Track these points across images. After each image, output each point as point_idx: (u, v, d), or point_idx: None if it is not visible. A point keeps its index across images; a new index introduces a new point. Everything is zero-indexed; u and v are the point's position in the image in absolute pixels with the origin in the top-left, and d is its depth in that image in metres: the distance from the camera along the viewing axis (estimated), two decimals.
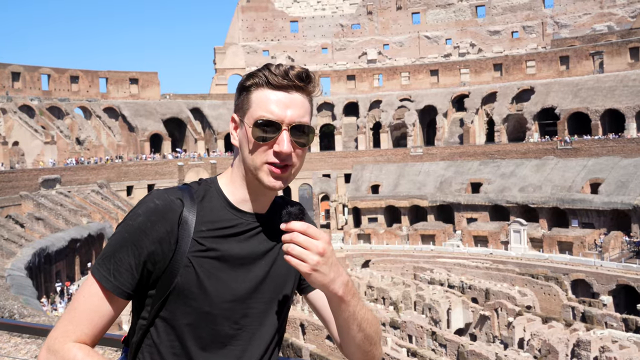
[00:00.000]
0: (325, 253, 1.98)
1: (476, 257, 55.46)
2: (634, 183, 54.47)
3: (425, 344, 35.78)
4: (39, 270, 40.41)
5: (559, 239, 54.03)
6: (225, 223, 2.16)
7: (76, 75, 74.06)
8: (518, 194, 60.51)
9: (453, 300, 42.29)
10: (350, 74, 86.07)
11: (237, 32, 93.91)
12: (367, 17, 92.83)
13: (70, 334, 2.02)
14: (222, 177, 2.28)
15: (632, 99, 64.42)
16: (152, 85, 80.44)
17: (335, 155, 78.03)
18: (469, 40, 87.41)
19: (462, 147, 72.91)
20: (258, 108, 2.08)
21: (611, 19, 78.30)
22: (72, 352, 1.98)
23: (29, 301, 23.90)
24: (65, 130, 68.06)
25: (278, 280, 2.27)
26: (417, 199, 66.11)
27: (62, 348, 1.99)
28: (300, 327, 38.02)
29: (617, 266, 47.45)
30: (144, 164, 69.61)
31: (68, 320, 2.04)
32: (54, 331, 2.04)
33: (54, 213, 50.68)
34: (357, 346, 2.24)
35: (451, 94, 79.01)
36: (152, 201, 2.08)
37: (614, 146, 61.66)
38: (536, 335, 34.71)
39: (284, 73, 2.07)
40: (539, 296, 45.37)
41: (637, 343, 32.46)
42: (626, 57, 68.66)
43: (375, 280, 49.98)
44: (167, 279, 2.08)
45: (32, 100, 67.80)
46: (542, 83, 73.72)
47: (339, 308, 2.12)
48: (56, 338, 2.02)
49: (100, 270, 2.05)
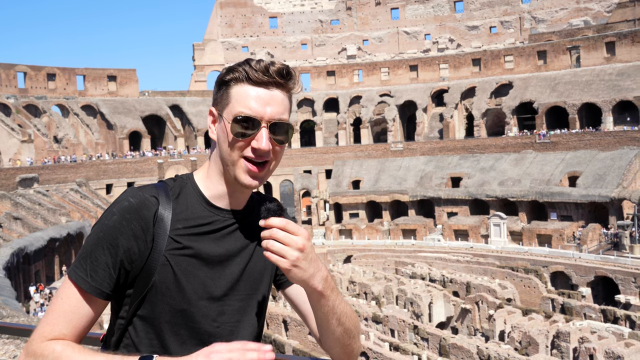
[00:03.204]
0: (305, 249, 1.98)
1: (457, 251, 55.84)
2: (611, 176, 55.18)
3: (408, 338, 35.99)
4: (17, 270, 39.88)
5: (538, 232, 54.58)
6: (201, 220, 2.15)
7: (53, 73, 73.15)
8: (497, 187, 61.00)
9: (434, 294, 42.55)
10: (330, 70, 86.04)
11: (216, 28, 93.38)
12: (347, 13, 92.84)
13: (47, 334, 1.99)
14: (198, 172, 2.27)
15: (608, 93, 65.21)
16: (130, 82, 79.70)
17: (315, 151, 78.03)
18: (448, 35, 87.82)
19: (442, 142, 73.30)
20: (237, 104, 2.07)
21: (587, 13, 79.16)
22: (49, 347, 1.96)
23: (7, 302, 23.61)
24: (42, 129, 67.21)
25: (254, 277, 2.27)
26: (398, 194, 66.35)
27: (39, 347, 1.97)
28: (283, 323, 38.04)
29: (595, 258, 48.05)
30: (123, 162, 68.99)
31: (45, 322, 2.02)
32: (32, 335, 2.01)
33: (32, 212, 50.05)
34: (336, 340, 2.25)
35: (431, 89, 79.35)
36: (127, 199, 2.07)
37: (591, 140, 62.38)
38: (517, 327, 35.05)
39: (264, 69, 2.06)
40: (519, 289, 45.81)
41: (615, 333, 32.95)
42: (602, 51, 69.44)
43: (357, 275, 50.11)
44: (144, 278, 2.07)
45: (8, 98, 66.82)
46: (520, 78, 74.31)
47: (319, 303, 2.13)
48: (34, 340, 2.00)
49: (76, 271, 2.03)
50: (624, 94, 63.85)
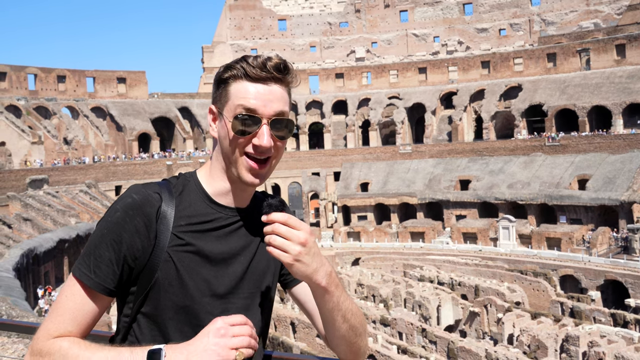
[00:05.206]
0: (307, 243, 1.98)
1: (465, 253, 55.66)
2: (621, 179, 54.87)
3: (416, 341, 35.89)
4: (27, 271, 40.07)
5: (548, 235, 54.33)
6: (203, 217, 2.15)
7: (63, 75, 73.56)
8: (506, 190, 60.78)
9: (443, 297, 42.43)
10: (339, 72, 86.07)
11: (225, 31, 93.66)
12: (355, 15, 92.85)
13: (52, 332, 1.99)
14: (201, 170, 2.28)
15: (618, 95, 64.87)
16: (140, 84, 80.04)
17: (324, 154, 78.03)
18: (457, 38, 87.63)
19: (451, 145, 73.13)
20: (237, 101, 2.07)
21: (597, 16, 78.77)
22: (56, 345, 1.95)
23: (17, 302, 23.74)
24: (52, 130, 67.60)
25: (258, 276, 2.26)
26: (407, 197, 66.24)
27: (44, 345, 1.96)
28: (291, 325, 38.03)
29: (604, 262, 47.78)
30: (132, 163, 69.29)
31: (50, 320, 2.02)
32: (36, 333, 2.01)
33: (41, 213, 50.32)
34: (342, 337, 2.24)
35: (439, 92, 79.20)
36: (130, 196, 2.08)
37: (601, 142, 62.05)
38: (525, 331, 34.91)
39: (261, 64, 2.06)
40: (528, 292, 45.61)
41: (625, 338, 32.73)
42: (612, 54, 69.12)
43: (365, 278, 50.06)
44: (147, 274, 2.07)
45: (18, 100, 67.26)
46: (529, 80, 74.04)
47: (323, 299, 2.12)
48: (38, 338, 1.99)
49: (80, 268, 2.03)
50: (634, 97, 63.51)
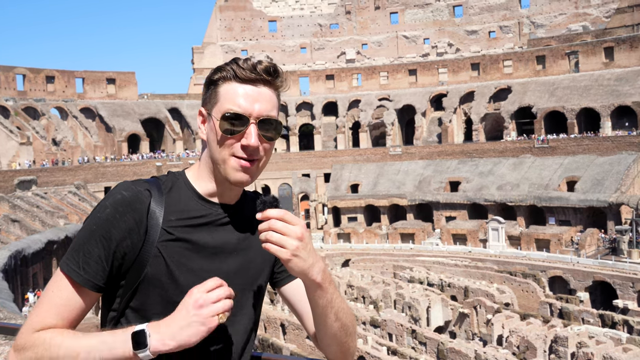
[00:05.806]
0: (304, 238, 1.99)
1: (455, 255, 55.81)
2: (609, 181, 55.25)
3: (405, 342, 35.92)
4: (15, 273, 39.76)
5: (537, 236, 54.61)
6: (194, 213, 2.16)
7: (52, 75, 73.16)
8: (496, 192, 61.03)
9: (432, 299, 42.48)
10: (329, 74, 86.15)
11: (215, 32, 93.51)
12: (346, 17, 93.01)
13: (36, 326, 1.97)
14: (189, 170, 2.28)
15: (606, 97, 65.35)
16: (129, 85, 79.73)
17: (314, 155, 78.05)
18: (447, 40, 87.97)
19: (441, 146, 73.37)
20: (226, 101, 2.09)
21: (586, 19, 79.34)
22: (40, 337, 1.94)
23: (4, 304, 23.55)
24: (41, 131, 67.18)
25: (250, 272, 2.26)
26: (397, 198, 66.37)
27: (28, 339, 1.94)
28: (281, 327, 37.96)
29: (593, 263, 48.06)
30: (121, 164, 68.96)
31: (35, 314, 2.00)
32: (20, 329, 1.99)
33: (30, 215, 49.97)
34: (334, 336, 2.24)
35: (429, 94, 79.45)
36: (120, 193, 2.07)
37: (590, 144, 62.48)
38: (515, 332, 35.00)
39: (251, 67, 2.08)
40: (517, 293, 45.77)
41: (613, 338, 32.93)
42: (601, 56, 69.62)
43: (355, 279, 50.06)
44: (137, 270, 2.07)
45: (7, 100, 66.80)
46: (519, 82, 74.44)
47: (317, 295, 2.12)
48: (22, 333, 1.97)
49: (69, 264, 2.01)
50: (623, 99, 64.01)
